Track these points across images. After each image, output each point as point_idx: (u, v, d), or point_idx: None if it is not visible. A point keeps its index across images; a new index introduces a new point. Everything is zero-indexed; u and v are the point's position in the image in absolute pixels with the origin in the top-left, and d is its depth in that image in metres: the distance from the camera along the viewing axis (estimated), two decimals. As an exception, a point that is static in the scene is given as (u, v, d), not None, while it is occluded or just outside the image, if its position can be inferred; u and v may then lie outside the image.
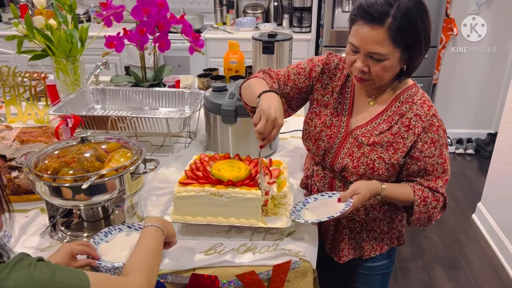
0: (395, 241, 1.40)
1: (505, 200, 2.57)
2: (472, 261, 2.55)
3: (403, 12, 1.05)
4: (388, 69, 1.12)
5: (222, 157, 1.33)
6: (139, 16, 1.73)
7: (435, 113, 1.18)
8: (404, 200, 1.24)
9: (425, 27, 1.10)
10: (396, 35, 1.06)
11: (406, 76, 1.19)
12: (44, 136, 1.42)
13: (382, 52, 1.08)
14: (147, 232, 1.01)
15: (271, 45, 1.99)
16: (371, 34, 1.07)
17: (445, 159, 1.22)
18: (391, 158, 1.20)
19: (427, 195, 1.22)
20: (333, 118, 1.30)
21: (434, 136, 1.17)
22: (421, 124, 1.17)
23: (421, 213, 1.23)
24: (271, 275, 1.13)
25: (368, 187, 1.18)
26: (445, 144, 1.21)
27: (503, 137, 2.61)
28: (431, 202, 1.22)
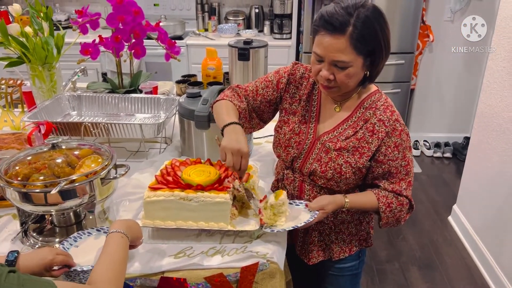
0: (363, 243, 1.43)
1: (479, 203, 2.63)
2: (447, 262, 2.61)
3: (363, 20, 1.10)
4: (352, 75, 1.16)
5: (193, 162, 1.35)
6: (114, 23, 1.76)
7: (397, 118, 1.22)
8: (369, 208, 1.29)
9: (384, 34, 1.14)
10: (357, 43, 1.10)
11: (370, 81, 1.23)
12: (17, 143, 1.43)
13: (346, 60, 1.12)
14: (112, 239, 1.02)
15: (247, 52, 2.02)
16: (334, 43, 1.11)
17: (408, 161, 1.26)
18: (357, 162, 1.24)
19: (391, 201, 1.26)
20: (301, 125, 1.34)
21: (397, 140, 1.22)
22: (384, 129, 1.21)
23: (388, 218, 1.29)
24: (239, 277, 1.15)
25: (333, 204, 1.25)
26: (408, 147, 1.25)
27: (476, 141, 2.68)
28: (396, 206, 1.27)
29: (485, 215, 2.56)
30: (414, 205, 1.32)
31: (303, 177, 1.34)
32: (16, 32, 1.79)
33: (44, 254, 1.01)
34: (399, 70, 3.72)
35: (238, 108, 1.34)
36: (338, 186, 1.29)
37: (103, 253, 0.98)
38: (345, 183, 1.27)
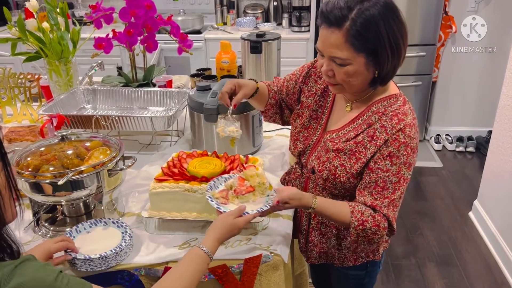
0: (370, 255, 1.32)
1: (500, 198, 2.56)
2: (466, 259, 2.55)
3: (364, 16, 1.02)
4: (352, 74, 1.08)
5: (200, 154, 1.37)
6: (126, 18, 1.78)
7: (403, 128, 1.10)
8: (339, 219, 1.16)
9: (391, 33, 1.04)
10: (354, 40, 1.03)
11: (381, 83, 1.14)
12: (31, 135, 1.48)
13: (342, 57, 1.06)
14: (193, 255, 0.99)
15: (259, 44, 2.02)
16: (330, 38, 1.06)
17: (400, 179, 1.12)
18: (352, 168, 1.16)
19: (366, 219, 1.12)
20: (312, 120, 1.31)
21: (393, 150, 1.10)
22: (384, 136, 1.11)
23: (359, 237, 1.15)
24: (242, 268, 1.16)
25: (298, 200, 1.14)
26: (406, 164, 1.11)
27: (498, 134, 2.60)
28: (371, 227, 1.12)
29: (507, 211, 2.48)
30: (396, 230, 1.17)
31: (309, 174, 1.31)
32: (33, 27, 1.84)
33: (46, 245, 1.04)
34: (421, 63, 3.64)
35: (267, 86, 1.42)
36: (336, 189, 1.22)
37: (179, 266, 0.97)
38: (342, 187, 1.20)
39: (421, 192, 3.23)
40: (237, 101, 1.31)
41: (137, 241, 1.22)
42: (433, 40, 3.58)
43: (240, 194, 1.14)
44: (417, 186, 3.31)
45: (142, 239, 1.24)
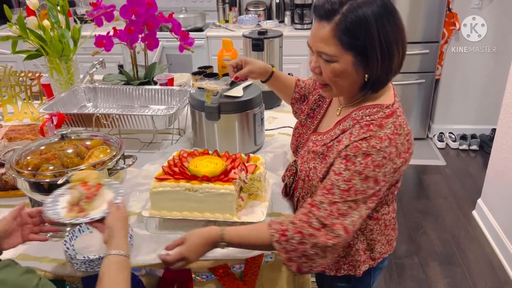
0: (351, 269, 1.23)
1: (504, 197, 2.54)
2: (469, 258, 2.53)
3: (356, 12, 0.96)
4: (339, 73, 1.03)
5: (201, 153, 1.35)
6: (127, 15, 1.77)
7: (368, 138, 1.00)
8: (258, 240, 1.04)
9: (384, 35, 0.98)
10: (343, 35, 0.98)
11: (372, 89, 1.06)
12: (31, 134, 1.47)
13: (328, 52, 1.00)
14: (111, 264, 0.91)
15: (261, 42, 2.00)
16: (319, 31, 1.01)
17: (351, 189, 0.99)
18: (320, 171, 1.11)
19: (286, 228, 1.01)
20: (308, 118, 1.30)
21: (349, 154, 1.01)
22: (347, 142, 1.03)
23: (289, 252, 1.01)
24: (244, 268, 1.15)
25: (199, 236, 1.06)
26: (360, 174, 0.99)
27: (502, 132, 2.58)
28: (293, 235, 0.99)
29: (511, 210, 2.46)
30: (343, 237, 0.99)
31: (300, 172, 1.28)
32: (33, 25, 1.83)
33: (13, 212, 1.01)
34: (424, 60, 3.62)
35: (296, 81, 1.44)
36: (313, 192, 1.13)
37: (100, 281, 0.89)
38: (315, 190, 1.11)
39: (424, 190, 3.21)
40: (240, 74, 1.37)
41: (137, 241, 1.21)
42: (436, 38, 3.55)
43: (94, 196, 1.05)
44: (420, 185, 3.29)
45: (143, 238, 1.23)
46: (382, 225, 1.20)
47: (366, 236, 1.20)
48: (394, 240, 1.29)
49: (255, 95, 1.60)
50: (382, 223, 1.20)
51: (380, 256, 1.24)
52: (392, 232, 1.26)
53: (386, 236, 1.23)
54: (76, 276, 1.11)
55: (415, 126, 3.88)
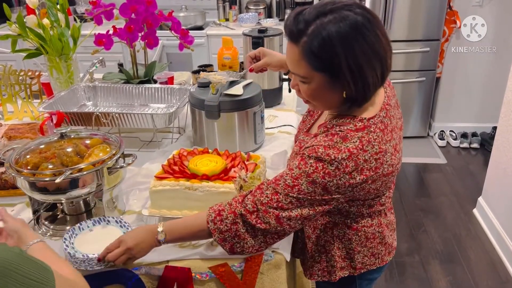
0: (326, 275, 1.23)
1: (505, 195, 2.53)
2: (470, 256, 2.53)
3: (320, 35, 0.92)
4: (314, 92, 1.00)
5: (201, 151, 1.35)
6: (127, 14, 1.76)
7: (327, 146, 0.97)
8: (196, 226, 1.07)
9: (352, 56, 0.92)
10: (311, 57, 0.94)
11: (353, 105, 1.01)
12: (31, 133, 1.47)
13: (300, 74, 0.98)
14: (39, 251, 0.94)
15: (261, 40, 1.99)
16: (289, 53, 0.99)
17: (295, 187, 0.99)
18: None
19: (223, 208, 1.05)
20: (308, 116, 1.30)
21: (304, 154, 1.00)
22: (309, 144, 1.02)
23: (222, 232, 1.04)
24: (244, 267, 1.15)
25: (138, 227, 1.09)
26: (308, 176, 0.97)
27: (502, 130, 2.57)
28: (228, 215, 1.03)
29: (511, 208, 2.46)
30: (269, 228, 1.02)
31: None
32: (33, 24, 1.82)
33: None
34: (424, 58, 3.61)
35: None
36: None
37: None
38: None
39: (425, 188, 3.20)
40: (257, 66, 1.39)
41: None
42: (437, 36, 3.54)
43: None
44: (421, 183, 3.28)
45: (142, 237, 1.22)
46: (362, 237, 1.18)
47: (344, 244, 1.19)
48: (386, 255, 1.25)
49: (255, 93, 1.59)
50: (362, 234, 1.18)
51: (363, 267, 1.21)
52: (379, 246, 1.21)
53: (369, 249, 1.20)
54: (76, 275, 1.11)
55: (415, 124, 3.88)
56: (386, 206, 1.19)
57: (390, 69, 1.01)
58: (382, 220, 1.20)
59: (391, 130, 1.05)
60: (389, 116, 1.07)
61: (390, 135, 1.04)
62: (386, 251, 1.24)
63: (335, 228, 1.18)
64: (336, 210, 1.15)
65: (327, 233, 1.20)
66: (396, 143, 1.06)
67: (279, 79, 2.06)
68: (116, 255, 1.06)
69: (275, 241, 1.09)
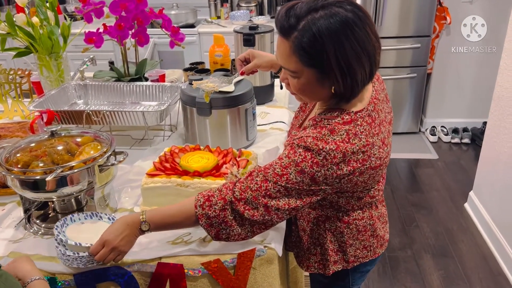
0: (321, 267, 1.25)
1: (496, 189, 2.56)
2: (462, 250, 2.56)
3: (311, 31, 0.92)
4: (303, 87, 1.01)
5: (192, 148, 1.35)
6: (117, 11, 1.75)
7: (315, 137, 0.98)
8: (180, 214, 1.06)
9: (342, 53, 0.93)
10: (301, 52, 0.95)
11: (342, 99, 1.03)
12: (21, 131, 1.46)
13: (290, 68, 0.99)
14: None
15: (252, 37, 1.99)
16: (280, 47, 0.99)
17: (283, 176, 0.99)
18: None
19: (212, 194, 1.04)
20: (301, 111, 1.31)
21: (294, 143, 1.01)
22: (293, 138, 1.04)
23: (209, 218, 1.03)
24: (236, 262, 1.15)
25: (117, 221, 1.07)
26: (297, 165, 0.98)
27: (492, 125, 2.60)
28: (217, 201, 1.03)
29: (502, 202, 2.49)
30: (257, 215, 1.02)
31: None
32: (22, 22, 1.81)
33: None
34: (415, 54, 3.63)
35: None
36: None
37: None
38: None
39: (417, 184, 3.23)
40: (247, 69, 1.38)
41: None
42: (427, 32, 3.56)
43: None
44: (413, 178, 3.31)
45: (134, 234, 1.22)
46: (353, 230, 1.19)
47: (336, 238, 1.20)
48: (378, 247, 1.26)
49: (246, 90, 1.60)
50: (353, 227, 1.19)
51: (355, 260, 1.23)
52: (371, 239, 1.23)
53: (361, 242, 1.21)
54: (68, 273, 1.11)
55: (407, 120, 3.90)
56: (376, 199, 1.20)
57: (379, 65, 1.02)
58: (373, 213, 1.21)
59: (379, 123, 1.06)
60: (377, 110, 1.07)
61: (378, 129, 1.04)
62: (378, 244, 1.25)
63: (327, 221, 1.19)
64: (327, 203, 1.15)
65: (320, 227, 1.21)
66: (384, 136, 1.07)
67: (270, 76, 2.06)
68: (103, 256, 1.04)
69: (262, 231, 1.09)
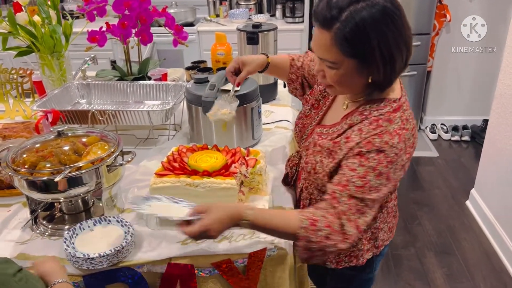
0: (353, 260, 1.25)
1: (498, 187, 2.56)
2: (465, 247, 2.56)
3: (354, 21, 0.94)
4: (342, 78, 1.02)
5: (200, 148, 1.34)
6: (120, 10, 1.74)
7: (380, 134, 1.01)
8: (282, 226, 1.02)
9: (384, 44, 0.96)
10: (343, 43, 0.96)
11: (377, 89, 1.06)
12: (26, 131, 1.44)
13: (330, 59, 1.00)
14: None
15: (255, 35, 1.98)
16: (320, 39, 0.99)
17: (365, 186, 0.99)
18: (327, 166, 1.10)
19: (316, 218, 1.00)
20: (312, 109, 1.29)
21: (363, 151, 1.01)
22: (357, 139, 1.03)
23: (310, 241, 1.00)
24: (247, 262, 1.14)
25: (224, 210, 1.02)
26: (375, 170, 0.99)
27: (494, 123, 2.60)
28: (323, 228, 1.00)
29: (504, 199, 2.49)
30: (351, 237, 1.00)
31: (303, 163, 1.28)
32: (24, 21, 1.79)
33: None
34: (415, 52, 3.61)
35: (291, 61, 1.40)
36: (317, 184, 1.15)
37: None
38: (322, 183, 1.13)
39: (418, 181, 3.23)
40: (241, 79, 1.34)
41: (138, 238, 1.19)
42: (427, 29, 3.56)
43: None
44: (414, 176, 3.31)
45: (143, 235, 1.21)
46: (385, 213, 1.22)
47: (370, 225, 1.21)
48: (395, 227, 1.31)
49: (252, 88, 1.58)
50: (385, 211, 1.22)
51: (382, 244, 1.27)
52: (393, 220, 1.29)
53: (388, 224, 1.25)
54: (77, 274, 1.09)
55: (407, 118, 3.90)
56: None
57: (412, 53, 1.04)
58: (396, 192, 1.26)
59: None
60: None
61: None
62: (395, 223, 1.30)
63: None
64: None
65: None
66: None
67: (274, 74, 2.05)
68: (194, 233, 1.00)
69: None
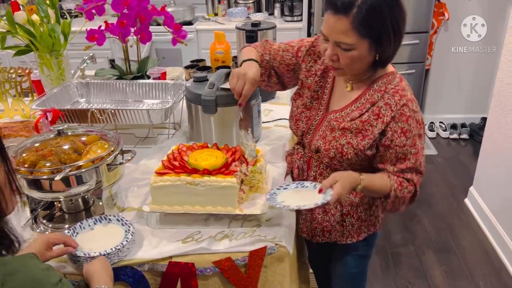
0: (371, 228, 1.39)
1: (496, 184, 2.57)
2: (464, 245, 2.56)
3: (370, 3, 1.05)
4: (356, 58, 1.12)
5: (200, 146, 1.34)
6: (119, 8, 1.74)
7: (407, 103, 1.16)
8: (381, 190, 1.21)
9: (395, 20, 1.09)
10: (360, 26, 1.06)
11: (381, 66, 1.19)
12: (25, 131, 1.44)
13: (348, 42, 1.09)
14: None
15: (254, 34, 1.98)
16: (337, 24, 1.08)
17: (418, 150, 1.19)
18: (359, 144, 1.20)
19: (402, 181, 1.21)
20: (313, 100, 1.33)
21: (404, 126, 1.16)
22: (390, 113, 1.16)
23: (397, 197, 1.21)
24: (248, 261, 1.14)
25: (347, 177, 1.15)
26: (418, 135, 1.19)
27: (493, 120, 2.60)
28: (407, 186, 1.21)
29: (502, 197, 2.50)
30: (418, 196, 1.26)
31: (311, 153, 1.33)
32: (22, 20, 1.79)
33: (45, 236, 1.04)
34: (414, 50, 3.62)
35: (260, 56, 1.39)
36: (341, 166, 1.25)
37: None
38: (348, 164, 1.24)
39: (417, 180, 3.23)
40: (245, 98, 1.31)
41: (138, 236, 1.19)
42: (425, 28, 3.56)
43: None
44: (413, 174, 3.31)
45: (143, 234, 1.21)
46: None
47: None
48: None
49: (251, 87, 1.58)
50: None
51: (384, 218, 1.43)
52: None
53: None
54: (78, 273, 1.09)
55: (406, 116, 3.90)
56: None
57: None
58: None
59: None
60: None
61: None
62: None
63: None
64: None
65: None
66: None
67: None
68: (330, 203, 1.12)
69: None
